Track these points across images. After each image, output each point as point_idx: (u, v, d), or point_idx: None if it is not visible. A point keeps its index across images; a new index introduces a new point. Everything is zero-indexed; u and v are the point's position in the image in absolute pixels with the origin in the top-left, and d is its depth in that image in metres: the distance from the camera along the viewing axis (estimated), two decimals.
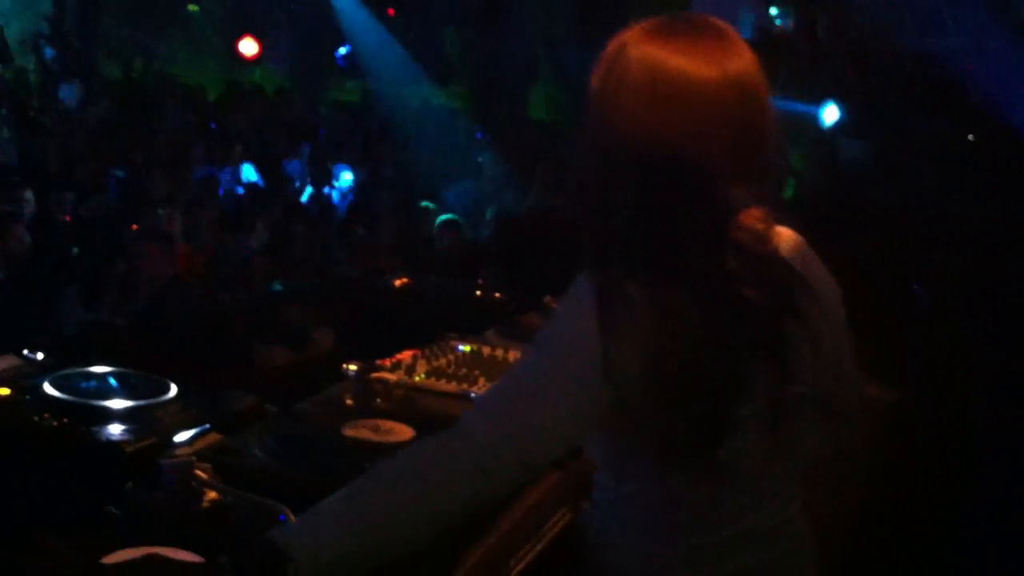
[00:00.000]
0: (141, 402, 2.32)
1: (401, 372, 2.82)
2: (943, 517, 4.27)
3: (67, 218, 7.65)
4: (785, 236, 1.87)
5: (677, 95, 1.67)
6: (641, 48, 1.70)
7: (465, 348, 3.10)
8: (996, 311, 6.04)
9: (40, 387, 2.30)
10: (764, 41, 9.81)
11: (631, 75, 1.70)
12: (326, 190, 10.78)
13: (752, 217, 1.76)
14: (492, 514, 2.16)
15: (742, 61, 1.72)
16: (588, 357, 1.66)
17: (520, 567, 2.28)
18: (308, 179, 11.10)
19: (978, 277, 6.16)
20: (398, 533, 1.61)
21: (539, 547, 2.35)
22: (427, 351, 3.03)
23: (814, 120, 9.94)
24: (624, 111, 1.70)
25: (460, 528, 1.69)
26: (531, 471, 1.69)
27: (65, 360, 2.51)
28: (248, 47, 15.51)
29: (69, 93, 12.22)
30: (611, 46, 1.75)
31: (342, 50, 16.53)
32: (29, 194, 7.35)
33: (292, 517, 1.78)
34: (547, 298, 3.51)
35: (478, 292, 3.76)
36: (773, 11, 11.33)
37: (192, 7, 15.82)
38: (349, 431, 2.34)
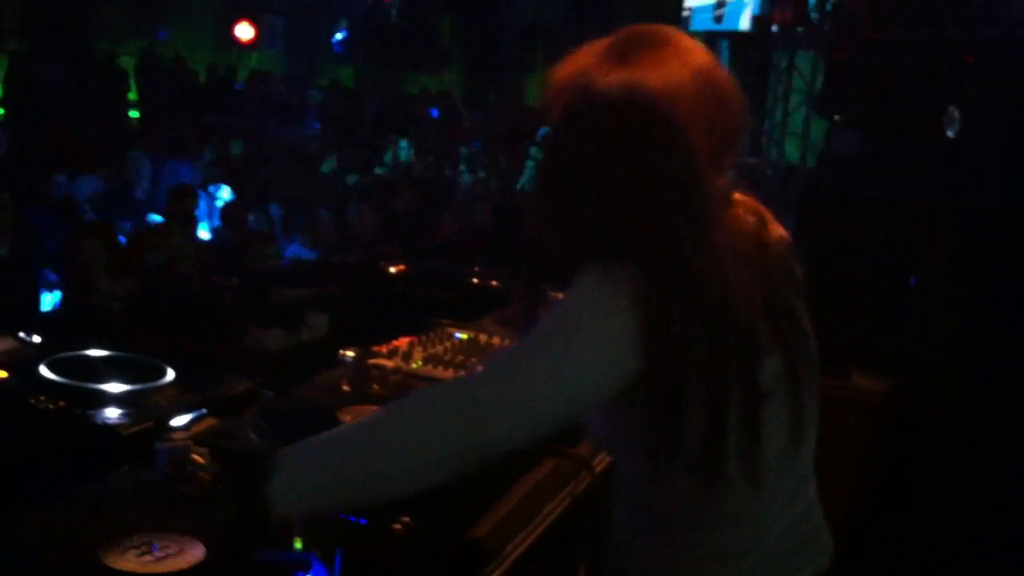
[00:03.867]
0: (138, 386, 2.32)
1: (397, 359, 2.82)
2: (938, 506, 4.29)
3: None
4: (776, 230, 1.87)
5: (657, 107, 1.66)
6: (610, 76, 1.69)
7: (462, 335, 3.10)
8: (992, 298, 6.06)
9: (37, 370, 2.30)
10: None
11: (610, 100, 1.68)
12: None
13: (745, 208, 1.77)
14: (489, 499, 2.17)
15: (700, 58, 1.73)
16: (615, 329, 1.64)
17: (518, 553, 2.30)
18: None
19: (975, 263, 6.18)
20: (378, 465, 1.63)
21: (537, 532, 2.36)
22: (423, 338, 3.03)
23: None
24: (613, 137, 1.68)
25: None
26: (523, 430, 1.67)
27: (62, 343, 2.51)
28: (244, 32, 15.49)
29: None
30: (572, 80, 1.73)
31: (339, 35, 16.51)
32: None
33: None
34: (545, 286, 3.50)
35: (474, 280, 3.76)
36: None
37: None
38: (345, 416, 2.34)
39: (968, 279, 6.13)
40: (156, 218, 7.82)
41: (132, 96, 14.22)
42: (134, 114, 13.78)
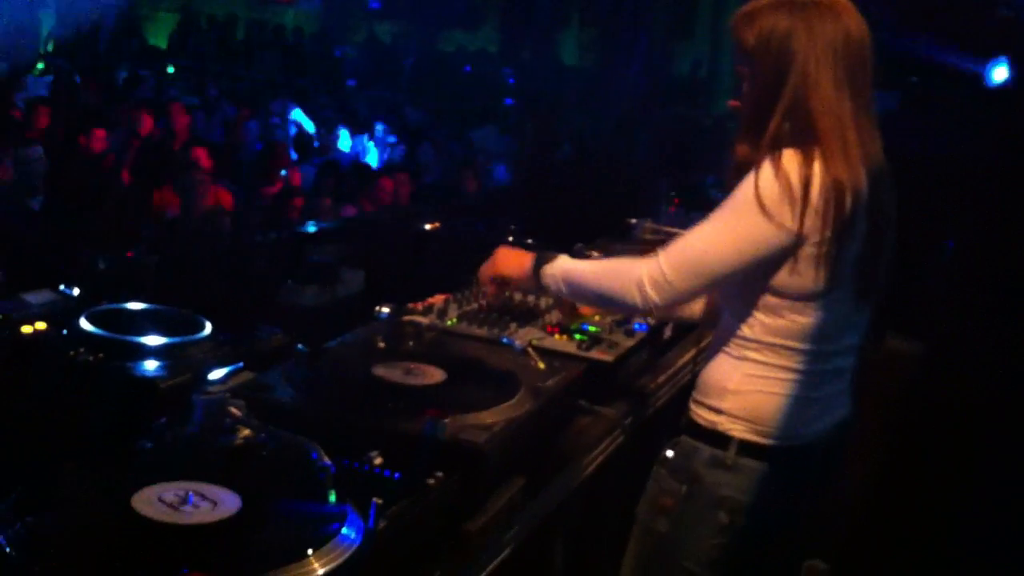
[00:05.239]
0: (176, 339, 2.33)
1: (433, 316, 2.83)
2: (967, 469, 4.27)
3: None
4: None
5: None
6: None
7: None
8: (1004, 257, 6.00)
9: (76, 322, 2.32)
10: None
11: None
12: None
13: None
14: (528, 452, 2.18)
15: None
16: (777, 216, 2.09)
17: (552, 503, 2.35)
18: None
19: (1008, 227, 6.11)
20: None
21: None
22: (459, 295, 3.03)
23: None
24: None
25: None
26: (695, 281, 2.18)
27: (101, 296, 2.53)
28: None
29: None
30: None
31: None
32: None
33: (323, 455, 1.80)
34: (578, 245, 3.49)
35: (510, 238, 3.75)
36: None
37: None
38: (380, 371, 2.35)
39: (1006, 242, 6.06)
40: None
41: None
42: (170, 69, 13.84)
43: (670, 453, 2.34)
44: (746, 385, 2.24)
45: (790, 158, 2.10)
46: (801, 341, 2.20)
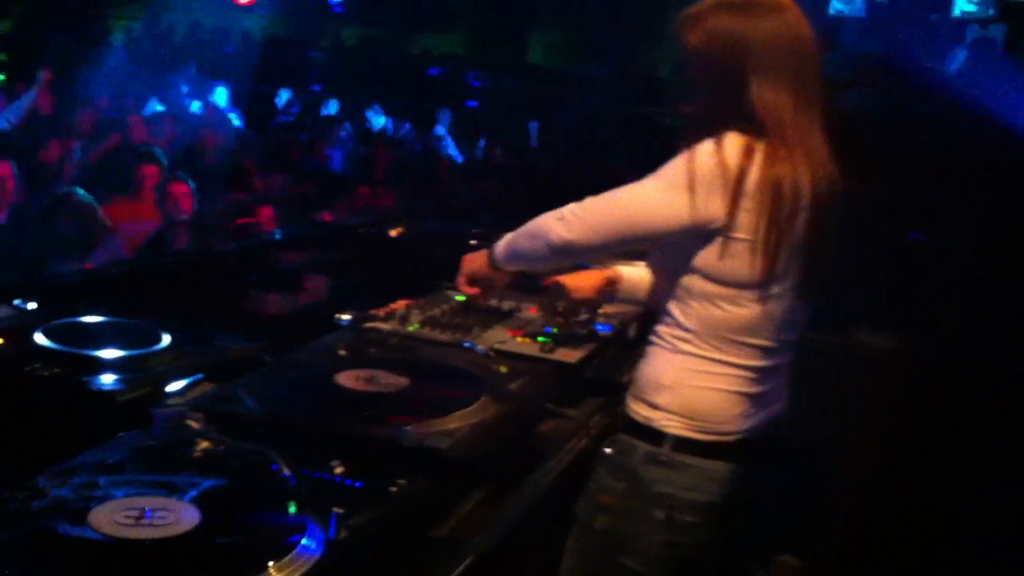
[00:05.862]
0: (134, 351, 2.31)
1: (395, 322, 2.81)
2: (941, 461, 4.29)
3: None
4: None
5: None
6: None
7: (459, 298, 3.09)
8: (997, 256, 6.03)
9: (32, 337, 2.30)
10: None
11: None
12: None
13: None
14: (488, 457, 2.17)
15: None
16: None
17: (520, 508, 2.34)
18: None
19: (983, 219, 6.15)
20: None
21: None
22: (422, 301, 3.02)
23: None
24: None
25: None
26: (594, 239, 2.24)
27: (57, 309, 2.50)
28: None
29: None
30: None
31: None
32: None
33: (284, 466, 1.78)
34: None
35: (473, 241, 3.74)
36: None
37: None
38: (342, 379, 2.33)
39: (974, 236, 6.10)
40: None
41: None
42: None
43: (608, 450, 2.33)
44: (683, 380, 2.24)
45: (732, 142, 2.12)
46: (739, 334, 2.21)
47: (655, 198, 2.16)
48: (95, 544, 1.59)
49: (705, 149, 2.12)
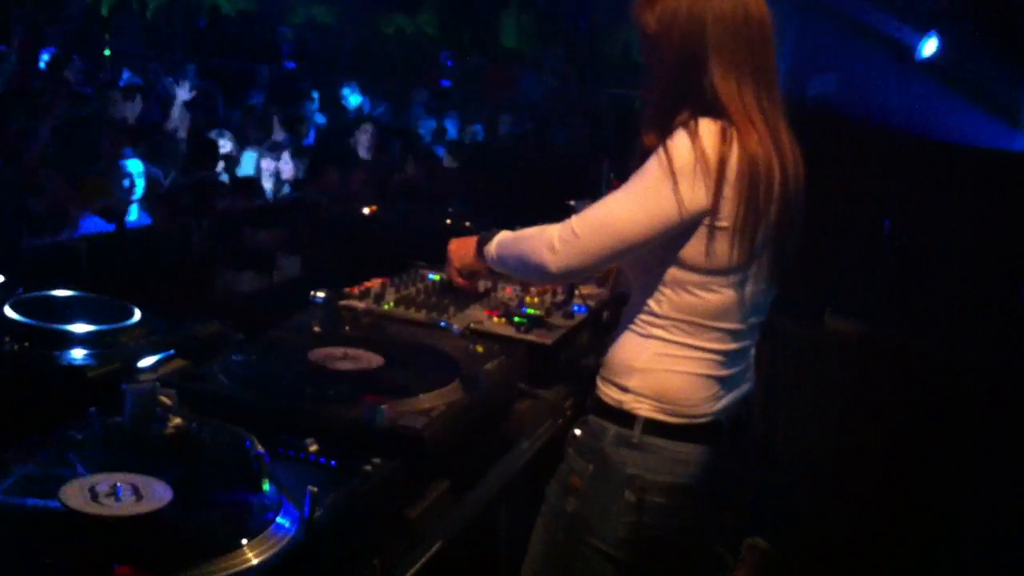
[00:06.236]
0: (104, 326, 2.28)
1: (370, 300, 2.79)
2: (910, 448, 4.31)
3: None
4: None
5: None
6: None
7: (434, 277, 3.08)
8: (964, 242, 6.08)
9: (1, 310, 2.26)
10: None
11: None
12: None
13: None
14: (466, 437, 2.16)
15: None
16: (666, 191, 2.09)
17: (498, 485, 2.36)
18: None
19: (946, 203, 6.19)
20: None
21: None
22: (396, 279, 3.00)
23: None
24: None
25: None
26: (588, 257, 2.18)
27: (26, 283, 2.47)
28: None
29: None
30: None
31: None
32: None
33: (257, 444, 1.76)
34: (518, 227, 3.47)
35: (448, 221, 3.73)
36: None
37: None
38: (316, 357, 2.31)
39: (941, 221, 6.14)
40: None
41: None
42: (107, 52, 13.57)
43: (578, 432, 2.34)
44: (653, 364, 2.24)
45: (707, 128, 2.10)
46: (710, 319, 2.21)
47: (641, 209, 2.13)
48: (66, 519, 1.57)
49: (681, 141, 2.09)
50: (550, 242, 2.21)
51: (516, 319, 2.75)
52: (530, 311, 2.82)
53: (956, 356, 4.55)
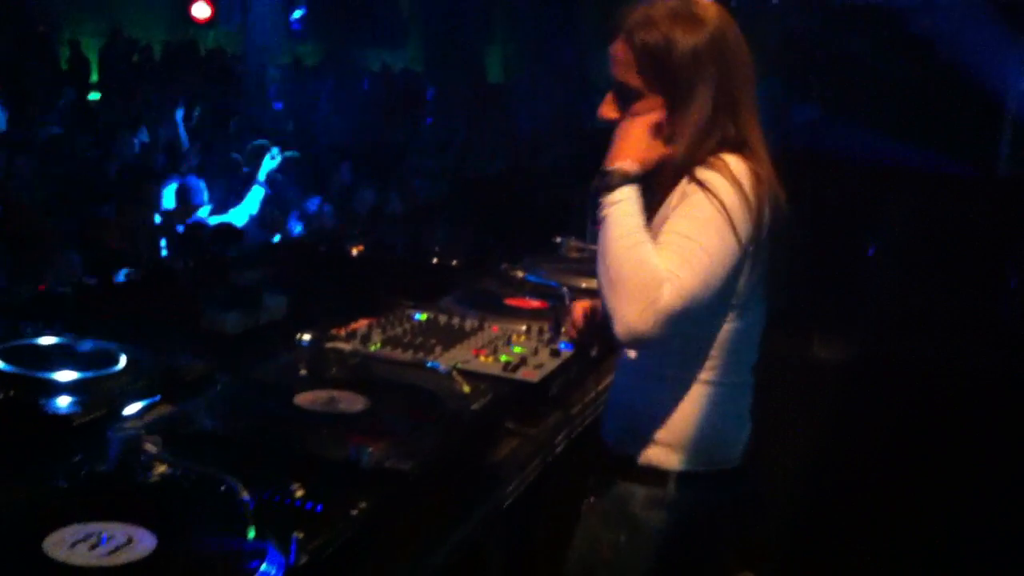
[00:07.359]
0: (89, 373, 2.27)
1: (356, 341, 2.79)
2: (900, 467, 4.33)
3: None
4: None
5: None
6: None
7: (421, 316, 3.08)
8: (947, 257, 6.13)
9: None
10: None
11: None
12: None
13: None
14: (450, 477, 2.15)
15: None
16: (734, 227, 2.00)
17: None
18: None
19: (930, 223, 6.25)
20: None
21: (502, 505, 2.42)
22: (382, 320, 3.00)
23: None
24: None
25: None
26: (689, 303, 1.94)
27: (11, 330, 2.46)
28: (201, 10, 15.33)
29: None
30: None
31: (297, 13, 16.36)
32: None
33: (242, 489, 1.75)
34: (504, 265, 3.48)
35: (434, 259, 3.73)
36: None
37: None
38: (302, 401, 2.31)
39: (924, 243, 6.19)
40: None
41: (94, 78, 14.12)
42: (94, 96, 13.63)
43: (596, 500, 2.26)
44: (686, 408, 2.15)
45: (739, 167, 2.05)
46: (738, 352, 2.16)
47: (724, 244, 2.00)
48: (50, 570, 1.56)
49: (721, 185, 2.01)
50: (658, 278, 1.94)
51: (503, 357, 2.75)
52: (516, 349, 2.82)
53: (942, 370, 4.59)
